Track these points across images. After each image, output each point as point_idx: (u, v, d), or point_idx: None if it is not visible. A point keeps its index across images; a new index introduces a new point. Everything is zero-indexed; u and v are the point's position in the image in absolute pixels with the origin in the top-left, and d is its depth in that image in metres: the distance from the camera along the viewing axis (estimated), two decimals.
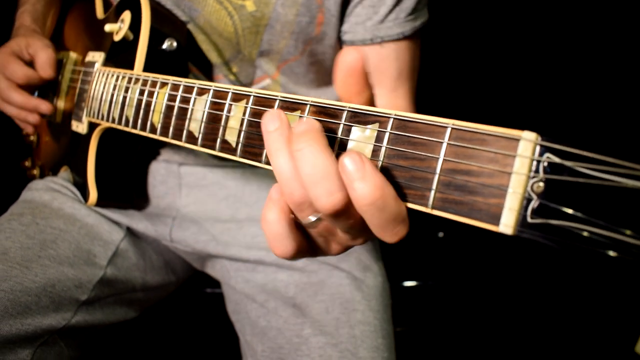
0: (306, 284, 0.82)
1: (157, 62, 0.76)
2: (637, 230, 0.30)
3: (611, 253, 0.30)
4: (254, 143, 0.51)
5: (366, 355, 0.73)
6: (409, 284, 1.43)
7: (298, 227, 0.43)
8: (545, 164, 0.32)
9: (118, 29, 0.79)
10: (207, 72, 0.85)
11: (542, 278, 1.48)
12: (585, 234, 0.31)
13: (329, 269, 0.82)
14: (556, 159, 0.32)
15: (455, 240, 1.52)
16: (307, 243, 0.45)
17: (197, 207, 0.91)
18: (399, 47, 0.80)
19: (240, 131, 0.53)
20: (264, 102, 0.51)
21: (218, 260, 0.92)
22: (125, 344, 1.14)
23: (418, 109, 0.82)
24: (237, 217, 0.90)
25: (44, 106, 0.87)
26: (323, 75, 0.88)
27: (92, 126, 0.81)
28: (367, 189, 0.35)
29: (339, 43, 0.84)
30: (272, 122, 0.41)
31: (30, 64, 0.87)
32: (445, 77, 1.49)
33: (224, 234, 0.89)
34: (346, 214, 0.38)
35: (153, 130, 0.65)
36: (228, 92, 0.55)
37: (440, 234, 1.53)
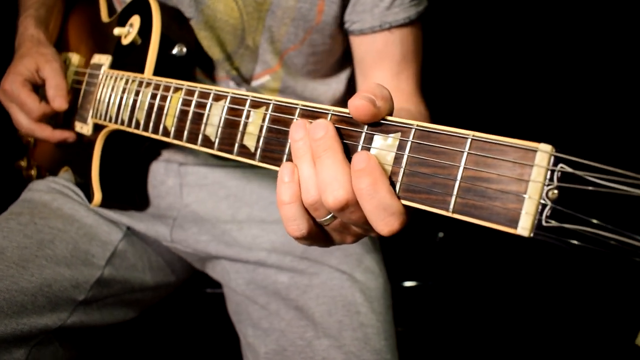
0: (307, 286, 0.83)
1: (166, 66, 0.77)
2: None
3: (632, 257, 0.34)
4: (273, 149, 0.54)
5: (370, 357, 0.75)
6: (409, 284, 1.46)
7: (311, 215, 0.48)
8: (559, 173, 0.36)
9: (127, 33, 0.80)
10: (209, 72, 0.87)
11: (542, 278, 1.52)
12: (595, 237, 0.35)
13: (330, 271, 0.84)
14: (569, 169, 0.36)
15: (455, 241, 1.55)
16: (321, 232, 0.50)
17: (198, 207, 0.92)
18: (404, 31, 0.82)
19: (259, 137, 0.55)
20: (284, 110, 0.53)
21: (218, 261, 0.93)
22: (125, 343, 1.14)
23: (434, 112, 0.84)
24: (237, 218, 0.91)
25: (71, 138, 0.87)
26: (321, 68, 0.89)
27: (97, 128, 0.82)
28: (363, 175, 0.42)
29: (341, 34, 0.85)
30: (297, 132, 0.47)
31: (42, 86, 0.86)
32: (452, 85, 1.53)
33: (224, 235, 0.91)
34: (349, 208, 0.44)
35: (166, 133, 0.66)
36: (247, 99, 0.57)
37: (440, 234, 1.56)
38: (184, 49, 0.78)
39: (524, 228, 0.36)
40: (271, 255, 0.87)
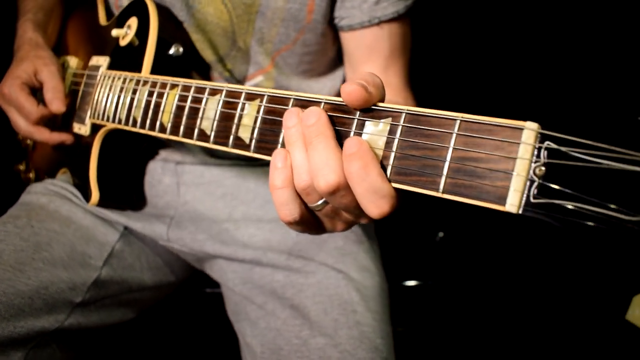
0: (303, 285, 0.83)
1: (163, 66, 0.78)
2: (628, 207, 0.34)
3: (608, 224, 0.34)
4: (267, 139, 0.54)
5: (365, 356, 0.75)
6: (409, 284, 1.46)
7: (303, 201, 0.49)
8: (546, 150, 0.36)
9: (124, 34, 0.82)
10: (204, 73, 0.88)
11: (541, 278, 1.52)
12: (583, 212, 0.35)
13: (325, 269, 0.84)
14: (555, 146, 0.36)
15: (455, 240, 1.55)
16: (313, 218, 0.51)
17: (194, 206, 0.92)
18: (392, 26, 0.83)
19: (254, 128, 0.56)
20: (278, 101, 0.54)
21: (215, 261, 0.93)
22: (125, 344, 1.14)
23: (422, 104, 0.85)
24: (233, 216, 0.92)
25: (69, 140, 0.88)
26: (316, 67, 0.90)
27: (95, 128, 0.83)
28: (354, 159, 0.42)
29: (332, 32, 0.86)
30: (290, 119, 0.48)
31: (40, 89, 0.87)
32: (444, 71, 1.54)
33: (221, 233, 0.91)
34: (340, 192, 0.45)
35: (162, 129, 0.67)
36: (241, 92, 0.58)
37: (440, 234, 1.56)
38: (181, 49, 0.79)
39: (512, 205, 0.37)
40: (267, 254, 0.87)
